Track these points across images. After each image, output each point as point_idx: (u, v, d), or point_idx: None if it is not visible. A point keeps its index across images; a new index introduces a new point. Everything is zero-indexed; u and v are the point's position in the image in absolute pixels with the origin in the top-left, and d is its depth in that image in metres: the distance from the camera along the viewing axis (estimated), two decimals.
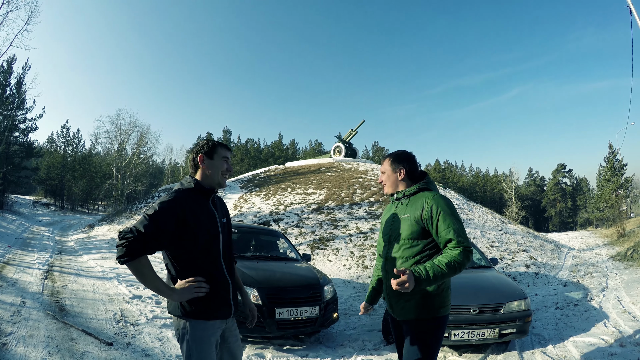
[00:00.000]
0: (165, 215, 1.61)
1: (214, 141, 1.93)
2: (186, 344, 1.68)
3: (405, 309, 1.91)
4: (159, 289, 1.63)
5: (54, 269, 7.87)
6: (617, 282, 7.61)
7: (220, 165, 1.86)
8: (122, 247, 1.53)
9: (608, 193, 33.22)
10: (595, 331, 4.50)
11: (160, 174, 54.06)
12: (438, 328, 1.89)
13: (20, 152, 26.24)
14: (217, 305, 1.74)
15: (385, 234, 2.08)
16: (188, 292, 1.66)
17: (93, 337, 3.91)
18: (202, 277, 1.70)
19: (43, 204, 32.71)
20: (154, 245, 1.59)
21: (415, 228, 1.88)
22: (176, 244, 1.68)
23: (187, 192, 1.76)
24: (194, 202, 1.74)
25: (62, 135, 38.15)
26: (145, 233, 1.54)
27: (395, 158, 2.05)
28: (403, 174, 2.02)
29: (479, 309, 3.87)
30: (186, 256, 1.71)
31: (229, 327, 1.87)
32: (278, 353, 3.89)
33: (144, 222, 1.57)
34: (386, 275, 2.02)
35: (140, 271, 1.59)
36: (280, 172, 22.28)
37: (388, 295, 2.01)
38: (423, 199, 1.90)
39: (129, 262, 1.54)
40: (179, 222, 1.65)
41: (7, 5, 17.11)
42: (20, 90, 25.02)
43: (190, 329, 1.68)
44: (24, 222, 19.05)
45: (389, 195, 2.10)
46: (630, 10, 10.40)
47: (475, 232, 11.37)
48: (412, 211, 1.91)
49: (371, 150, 63.04)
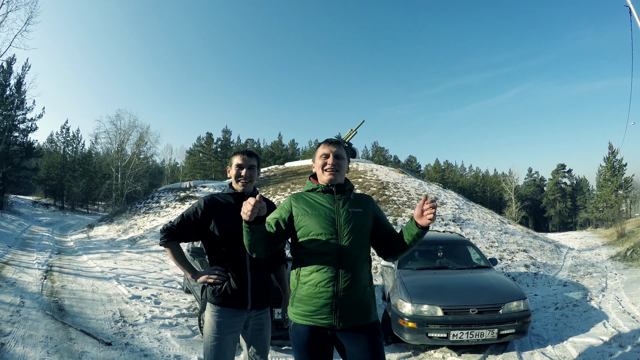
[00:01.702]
0: (191, 214, 2.03)
1: (235, 151, 2.19)
2: (206, 325, 1.99)
3: (359, 312, 1.69)
4: (184, 268, 2.06)
5: (53, 269, 7.87)
6: (617, 283, 7.61)
7: (235, 173, 2.09)
8: (161, 233, 2.03)
9: (608, 193, 33.23)
10: (594, 331, 4.50)
11: (160, 174, 54.05)
12: (382, 332, 1.80)
13: (20, 152, 26.22)
14: (232, 296, 1.95)
15: (329, 226, 1.70)
16: (205, 276, 1.98)
17: (92, 337, 3.90)
18: (222, 268, 1.99)
19: (43, 204, 32.69)
20: (182, 236, 2.02)
21: (369, 224, 1.79)
22: (204, 238, 2.05)
23: (219, 196, 2.11)
24: (222, 205, 2.06)
25: (62, 135, 38.16)
26: (175, 225, 2.01)
27: (346, 149, 1.90)
28: (347, 169, 1.93)
29: (478, 310, 3.87)
30: (212, 248, 2.05)
31: (254, 319, 2.04)
32: (277, 353, 3.89)
33: (177, 218, 2.04)
34: (339, 276, 1.66)
35: (172, 252, 2.04)
36: (280, 172, 22.29)
37: (344, 297, 1.66)
38: (366, 197, 1.87)
39: (164, 244, 2.02)
40: (204, 220, 2.01)
41: (7, 5, 17.17)
42: (20, 90, 25.00)
43: (209, 313, 1.97)
44: (23, 222, 19.03)
45: (327, 185, 1.80)
46: (630, 11, 10.41)
47: (475, 232, 11.37)
48: (364, 206, 1.81)
49: (371, 151, 63.05)
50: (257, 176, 2.14)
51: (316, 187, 1.83)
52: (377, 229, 1.83)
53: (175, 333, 4.28)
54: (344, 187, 1.83)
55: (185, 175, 47.44)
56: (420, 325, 3.81)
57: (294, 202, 1.80)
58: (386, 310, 4.52)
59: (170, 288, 6.67)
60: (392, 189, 15.24)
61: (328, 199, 1.78)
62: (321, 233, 1.70)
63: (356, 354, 1.68)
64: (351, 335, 1.69)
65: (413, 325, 3.83)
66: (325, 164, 1.80)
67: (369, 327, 1.71)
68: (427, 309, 3.89)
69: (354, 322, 1.68)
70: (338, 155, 1.81)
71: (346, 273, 1.67)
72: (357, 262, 1.71)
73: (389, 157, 62.04)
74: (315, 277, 1.68)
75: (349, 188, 1.85)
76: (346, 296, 1.66)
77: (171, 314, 5.05)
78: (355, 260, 1.71)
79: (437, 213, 1.69)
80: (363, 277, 1.72)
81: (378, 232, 1.83)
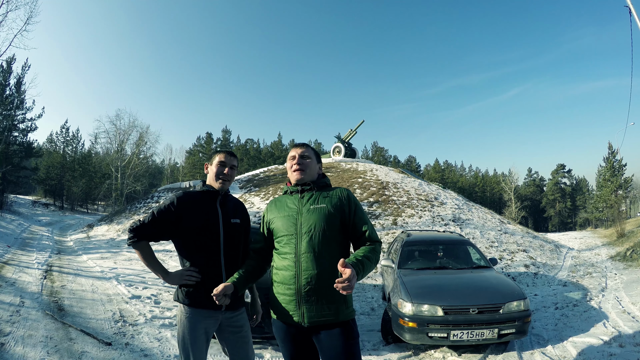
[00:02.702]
0: (162, 211, 1.91)
1: (216, 150, 2.13)
2: (179, 326, 1.93)
3: (324, 311, 1.67)
4: (155, 270, 1.93)
5: (53, 269, 7.86)
6: (617, 283, 7.61)
7: (217, 170, 2.03)
8: (129, 232, 1.90)
9: (607, 193, 33.24)
10: (594, 331, 4.50)
11: (160, 174, 54.02)
12: (357, 333, 1.75)
13: (20, 152, 26.22)
14: (206, 297, 1.87)
15: (291, 225, 1.76)
16: (179, 278, 1.91)
17: (92, 337, 3.90)
18: (196, 269, 1.91)
19: (42, 203, 32.67)
20: (152, 234, 1.91)
21: (335, 220, 1.74)
22: (175, 236, 1.95)
23: (192, 193, 2.01)
24: (195, 202, 1.97)
25: (62, 135, 38.16)
26: (146, 223, 1.90)
27: (314, 150, 1.95)
28: (320, 169, 1.96)
29: (478, 309, 3.87)
30: (184, 248, 1.96)
31: (228, 320, 1.98)
32: (277, 353, 3.88)
33: (147, 216, 1.92)
34: (298, 273, 1.69)
35: (142, 253, 1.91)
36: (280, 172, 22.28)
37: (306, 295, 1.67)
38: (338, 192, 1.82)
39: (133, 244, 1.90)
40: (175, 218, 1.91)
41: (7, 5, 17.14)
42: (20, 90, 24.98)
43: (182, 314, 1.91)
44: (23, 222, 19.02)
45: (294, 186, 1.88)
46: (630, 11, 10.41)
47: (475, 232, 11.37)
48: (328, 203, 1.77)
49: (371, 151, 63.04)
50: (234, 178, 2.12)
51: (286, 190, 1.92)
52: (346, 225, 1.77)
53: (176, 333, 4.28)
54: (315, 184, 1.86)
55: (185, 175, 47.39)
56: (421, 325, 3.81)
57: (268, 209, 1.93)
58: (386, 310, 4.52)
59: (170, 288, 6.66)
60: (392, 189, 15.24)
61: (294, 200, 1.85)
62: (284, 234, 1.77)
63: (325, 353, 1.69)
64: (319, 335, 1.70)
65: (413, 325, 3.83)
66: (292, 166, 1.88)
67: (337, 326, 1.68)
68: (427, 308, 3.89)
69: (319, 320, 1.67)
70: (303, 155, 1.88)
71: (306, 271, 1.68)
72: (320, 260, 1.67)
73: (389, 157, 62.03)
74: (280, 276, 1.76)
75: (319, 184, 1.87)
76: (308, 294, 1.67)
77: (171, 313, 5.04)
78: (318, 257, 1.68)
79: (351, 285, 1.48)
80: (329, 275, 1.63)
81: (347, 229, 1.77)
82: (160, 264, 1.96)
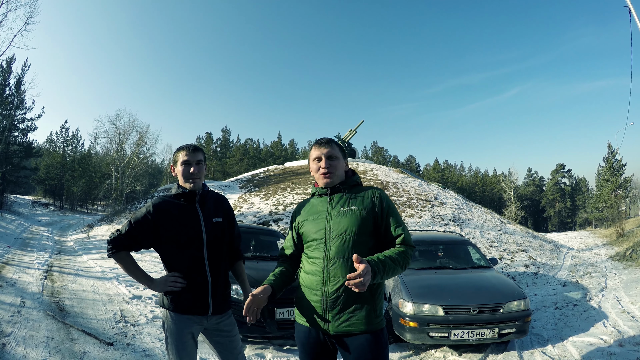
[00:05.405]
0: (139, 220, 1.85)
1: (178, 148, 2.01)
2: (165, 333, 1.89)
3: (352, 319, 1.58)
4: (139, 279, 1.89)
5: (53, 269, 7.87)
6: (616, 282, 7.63)
7: (182, 170, 1.93)
8: (107, 243, 1.86)
9: (607, 193, 33.29)
10: (594, 331, 4.52)
11: (160, 174, 53.98)
12: (387, 343, 1.65)
13: (20, 152, 26.21)
14: (191, 302, 1.86)
15: (321, 229, 1.69)
16: (164, 285, 1.85)
17: (93, 337, 3.91)
18: (180, 274, 1.86)
19: (42, 203, 32.67)
20: (132, 244, 1.86)
21: (368, 222, 1.64)
22: (157, 244, 1.90)
23: (167, 198, 1.94)
24: (171, 207, 1.90)
25: (62, 135, 38.17)
26: (123, 234, 1.85)
27: (339, 146, 1.79)
28: (347, 165, 1.82)
29: (479, 309, 3.88)
30: (166, 254, 1.91)
31: (215, 324, 1.93)
32: (278, 353, 3.89)
33: (125, 226, 1.87)
34: (326, 280, 1.62)
35: (122, 264, 1.88)
36: (280, 172, 22.28)
37: (332, 303, 1.60)
38: (370, 192, 1.72)
39: (112, 256, 1.85)
40: (152, 225, 1.86)
41: (7, 5, 17.12)
42: (20, 90, 24.96)
43: (168, 320, 1.87)
44: (23, 222, 19.01)
45: (322, 188, 1.76)
46: (630, 11, 10.43)
47: (475, 232, 11.39)
48: (359, 204, 1.67)
49: (370, 150, 63.07)
50: (205, 171, 2.01)
51: (315, 192, 1.82)
52: (378, 228, 1.67)
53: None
54: (344, 185, 1.75)
55: None
56: (422, 325, 3.83)
57: (296, 213, 1.86)
58: (387, 310, 4.53)
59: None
60: (391, 189, 15.25)
61: (323, 202, 1.75)
62: (314, 238, 1.70)
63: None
64: (345, 342, 1.60)
65: (414, 324, 3.85)
66: (319, 168, 1.74)
67: (365, 335, 1.58)
68: (428, 308, 3.91)
69: (346, 328, 1.58)
70: (330, 155, 1.73)
71: (334, 277, 1.60)
72: (350, 266, 1.58)
73: (389, 157, 62.09)
74: (308, 280, 1.69)
75: (349, 184, 1.76)
76: (335, 301, 1.59)
77: None
78: (347, 264, 1.59)
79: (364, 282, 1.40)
80: None
81: (379, 232, 1.67)
82: (143, 272, 1.90)
